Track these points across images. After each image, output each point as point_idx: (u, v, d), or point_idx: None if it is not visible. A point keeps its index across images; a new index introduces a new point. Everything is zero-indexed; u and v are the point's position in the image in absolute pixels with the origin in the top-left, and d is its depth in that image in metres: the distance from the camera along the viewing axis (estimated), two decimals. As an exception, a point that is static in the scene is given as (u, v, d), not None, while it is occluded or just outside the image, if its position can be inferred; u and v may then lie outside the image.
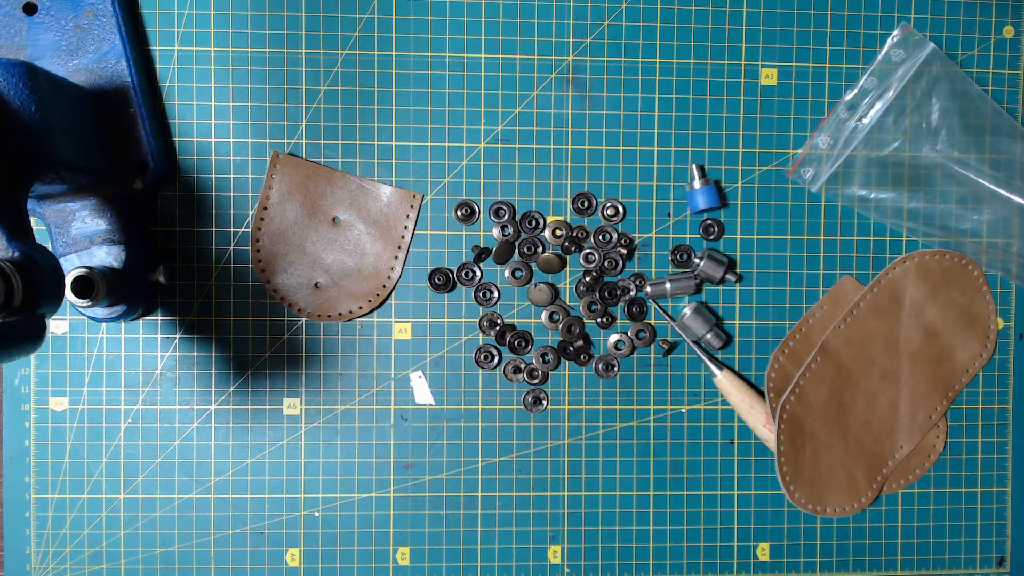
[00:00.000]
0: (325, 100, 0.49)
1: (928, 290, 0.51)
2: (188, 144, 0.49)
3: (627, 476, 0.51)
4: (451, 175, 0.50)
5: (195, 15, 0.48)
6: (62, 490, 0.48)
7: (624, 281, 0.50)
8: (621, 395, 0.51)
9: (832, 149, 0.51)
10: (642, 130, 0.50)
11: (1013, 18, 0.52)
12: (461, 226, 0.50)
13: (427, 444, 0.50)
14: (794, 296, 0.51)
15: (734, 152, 0.51)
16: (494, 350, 0.50)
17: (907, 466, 0.51)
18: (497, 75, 0.50)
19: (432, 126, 0.50)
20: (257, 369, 0.49)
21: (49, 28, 0.44)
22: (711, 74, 0.51)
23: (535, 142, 0.50)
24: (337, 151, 0.49)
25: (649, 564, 0.51)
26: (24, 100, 0.35)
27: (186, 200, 0.49)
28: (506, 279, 0.50)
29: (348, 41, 0.49)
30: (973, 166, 0.51)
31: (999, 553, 0.53)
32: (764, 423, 0.49)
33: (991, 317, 0.52)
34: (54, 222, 0.44)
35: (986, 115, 0.51)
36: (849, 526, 0.52)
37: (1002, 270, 0.52)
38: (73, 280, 0.41)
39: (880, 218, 0.51)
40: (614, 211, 0.50)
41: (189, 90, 0.48)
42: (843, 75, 0.51)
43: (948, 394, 0.51)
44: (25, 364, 0.48)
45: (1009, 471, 0.53)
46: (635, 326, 0.50)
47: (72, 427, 0.48)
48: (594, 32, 0.50)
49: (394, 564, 0.50)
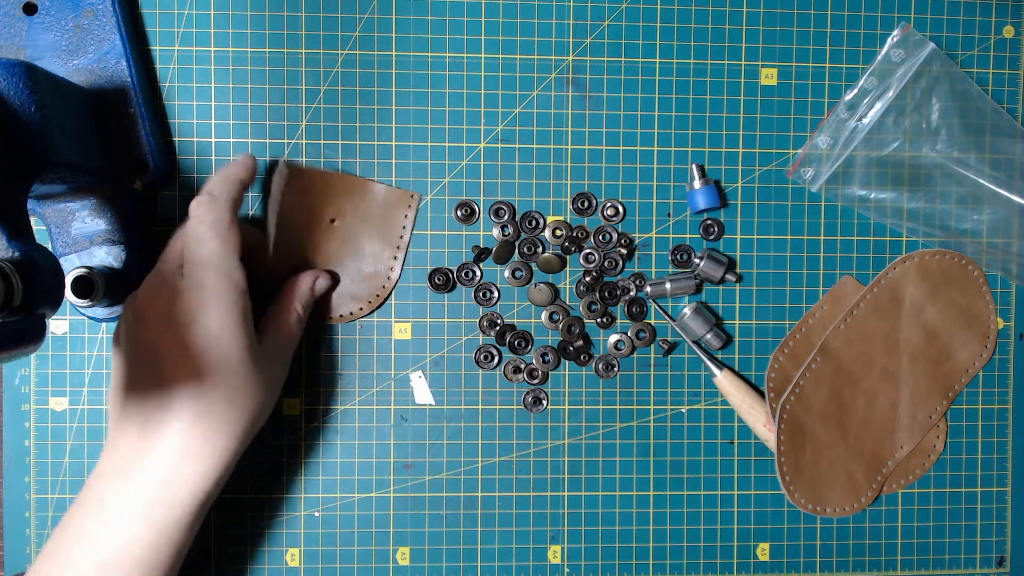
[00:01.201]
0: (325, 100, 0.49)
1: (928, 290, 0.51)
2: (188, 144, 0.49)
3: (627, 476, 0.51)
4: (451, 175, 0.50)
5: (195, 15, 0.48)
6: (62, 490, 0.48)
7: (624, 281, 0.50)
8: (621, 395, 0.51)
9: (832, 149, 0.51)
10: (642, 130, 0.50)
11: (1013, 18, 0.52)
12: (461, 226, 0.50)
13: (427, 444, 0.50)
14: (794, 296, 0.51)
15: (734, 152, 0.51)
16: (494, 350, 0.50)
17: (907, 466, 0.51)
18: (497, 75, 0.50)
19: (432, 126, 0.50)
20: (257, 369, 0.49)
21: (49, 28, 0.44)
22: (711, 74, 0.51)
23: (535, 142, 0.50)
24: (337, 151, 0.49)
25: (649, 564, 0.51)
26: (24, 100, 0.35)
27: (186, 200, 0.49)
28: (506, 279, 0.50)
29: (348, 41, 0.49)
30: (973, 166, 0.51)
31: (999, 553, 0.53)
32: (764, 423, 0.49)
33: (991, 317, 0.52)
34: (54, 222, 0.44)
35: (986, 115, 0.51)
36: (849, 526, 0.52)
37: (1002, 270, 0.52)
38: (73, 280, 0.41)
39: (880, 218, 0.51)
40: (614, 211, 0.50)
41: (189, 90, 0.48)
42: (843, 75, 0.51)
43: (948, 394, 0.51)
44: (25, 364, 0.48)
45: (1009, 471, 0.53)
46: (635, 326, 0.50)
47: (72, 427, 0.48)
48: (594, 32, 0.50)
49: (394, 564, 0.50)
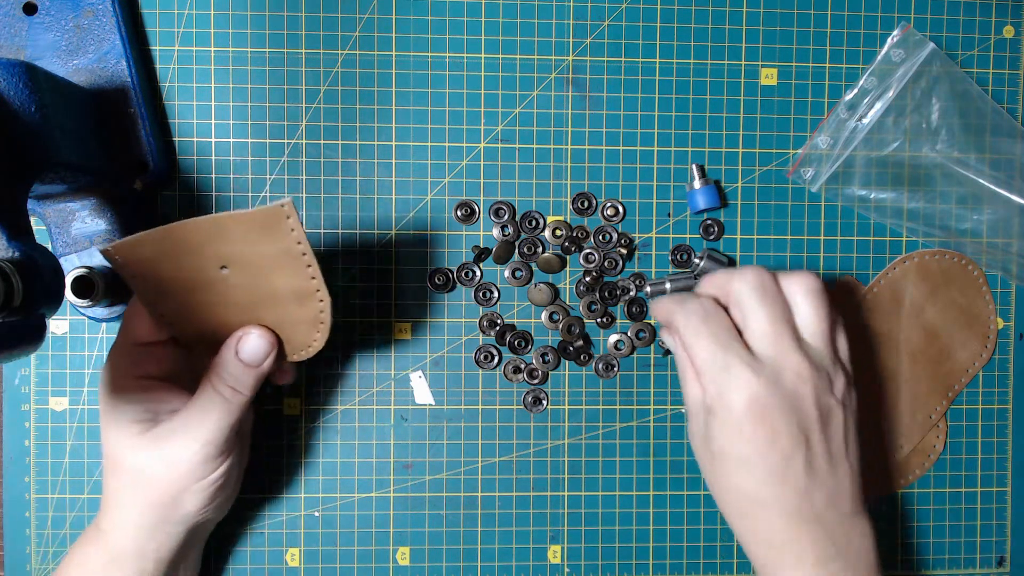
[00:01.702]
0: (325, 100, 0.49)
1: (928, 290, 0.51)
2: (188, 144, 0.49)
3: (627, 476, 0.51)
4: (451, 175, 0.50)
5: (195, 15, 0.48)
6: (62, 490, 0.48)
7: (624, 281, 0.50)
8: (621, 395, 0.51)
9: (832, 149, 0.51)
10: (642, 130, 0.50)
11: (1013, 18, 0.52)
12: (461, 226, 0.50)
13: (427, 444, 0.50)
14: (794, 296, 0.51)
15: (734, 152, 0.51)
16: (494, 350, 0.50)
17: (907, 466, 0.51)
18: (497, 75, 0.50)
19: (432, 126, 0.50)
20: (257, 369, 0.49)
21: (49, 28, 0.44)
22: (711, 74, 0.51)
23: (535, 142, 0.50)
24: (337, 151, 0.49)
25: (649, 564, 0.51)
26: (24, 100, 0.35)
27: (186, 200, 0.49)
28: (506, 279, 0.50)
29: (348, 41, 0.49)
30: (973, 166, 0.51)
31: (999, 553, 0.53)
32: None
33: (991, 317, 0.52)
34: (54, 222, 0.44)
35: (986, 115, 0.51)
36: (849, 526, 0.52)
37: (1002, 270, 0.52)
38: (73, 280, 0.41)
39: (880, 218, 0.51)
40: (614, 211, 0.50)
41: (189, 90, 0.48)
42: (843, 75, 0.51)
43: (948, 394, 0.51)
44: (25, 364, 0.48)
45: (1009, 471, 0.53)
46: (635, 326, 0.50)
47: (72, 427, 0.48)
48: (594, 32, 0.50)
49: (394, 564, 0.50)
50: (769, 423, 0.38)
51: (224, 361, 0.39)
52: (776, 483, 0.38)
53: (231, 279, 0.38)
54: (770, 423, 0.38)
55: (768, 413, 0.38)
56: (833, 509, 0.39)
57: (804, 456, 0.39)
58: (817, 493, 0.39)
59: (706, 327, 0.40)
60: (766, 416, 0.38)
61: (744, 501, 0.40)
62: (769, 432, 0.38)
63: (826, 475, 0.39)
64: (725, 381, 0.39)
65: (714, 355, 0.39)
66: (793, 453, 0.38)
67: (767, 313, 0.39)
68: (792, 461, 0.38)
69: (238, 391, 0.39)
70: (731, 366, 0.39)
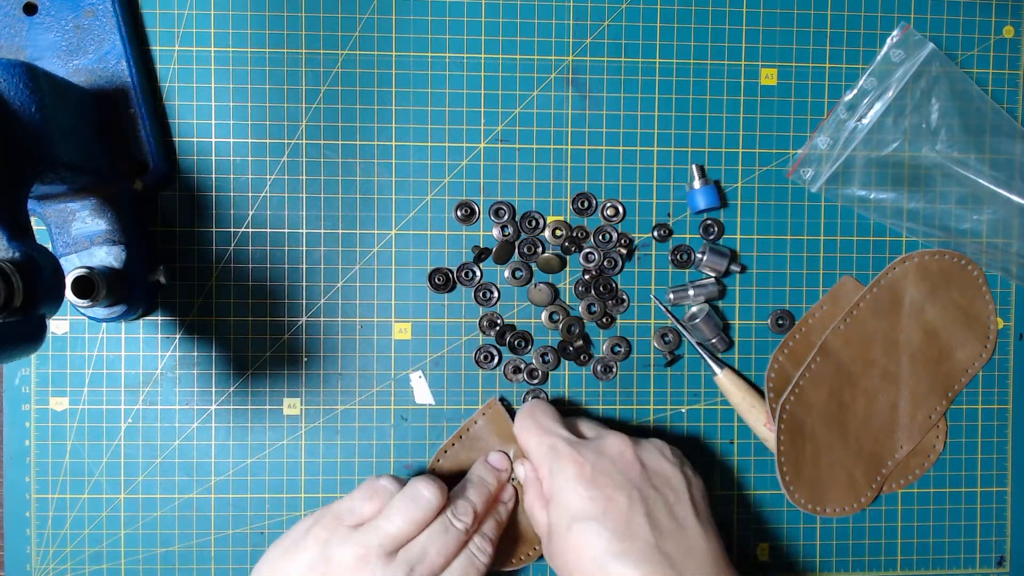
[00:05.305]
0: (325, 100, 0.49)
1: (928, 290, 0.51)
2: (188, 144, 0.49)
3: (627, 476, 0.51)
4: (451, 175, 0.50)
5: (195, 15, 0.48)
6: (62, 490, 0.48)
7: (622, 293, 0.50)
8: (621, 395, 0.51)
9: (832, 149, 0.51)
10: (642, 130, 0.50)
11: (1013, 18, 0.52)
12: (461, 226, 0.50)
13: (427, 444, 0.50)
14: (794, 296, 0.51)
15: (734, 152, 0.51)
16: (494, 350, 0.50)
17: (907, 466, 0.51)
18: (497, 75, 0.50)
19: (432, 126, 0.50)
20: (257, 369, 0.49)
21: (49, 28, 0.44)
22: (711, 74, 0.51)
23: (535, 142, 0.50)
24: (337, 151, 0.49)
25: (649, 564, 0.51)
26: (24, 100, 0.35)
27: (186, 200, 0.49)
28: (506, 279, 0.50)
29: (348, 41, 0.49)
30: (973, 166, 0.51)
31: (999, 553, 0.53)
32: (764, 423, 0.49)
33: (991, 317, 0.52)
34: (54, 222, 0.44)
35: (986, 115, 0.51)
36: (849, 526, 0.52)
37: (1002, 270, 0.52)
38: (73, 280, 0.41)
39: (880, 218, 0.52)
40: (614, 211, 0.50)
41: (189, 90, 0.48)
42: (843, 75, 0.51)
43: (948, 394, 0.51)
44: (25, 364, 0.48)
45: (1009, 471, 0.53)
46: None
47: (72, 427, 0.48)
48: (594, 32, 0.50)
49: (394, 564, 0.50)
50: (599, 486, 0.41)
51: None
52: (626, 538, 0.40)
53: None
54: (600, 486, 0.41)
55: (597, 476, 0.41)
56: (692, 561, 0.40)
57: (643, 509, 0.41)
58: (669, 544, 0.40)
59: (534, 424, 0.45)
60: (596, 479, 0.41)
61: (601, 559, 0.40)
62: (603, 492, 0.41)
63: (673, 530, 0.41)
64: (556, 464, 0.42)
65: (540, 442, 0.44)
66: (631, 507, 0.41)
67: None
68: (633, 515, 0.40)
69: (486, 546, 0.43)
70: (556, 447, 0.43)
